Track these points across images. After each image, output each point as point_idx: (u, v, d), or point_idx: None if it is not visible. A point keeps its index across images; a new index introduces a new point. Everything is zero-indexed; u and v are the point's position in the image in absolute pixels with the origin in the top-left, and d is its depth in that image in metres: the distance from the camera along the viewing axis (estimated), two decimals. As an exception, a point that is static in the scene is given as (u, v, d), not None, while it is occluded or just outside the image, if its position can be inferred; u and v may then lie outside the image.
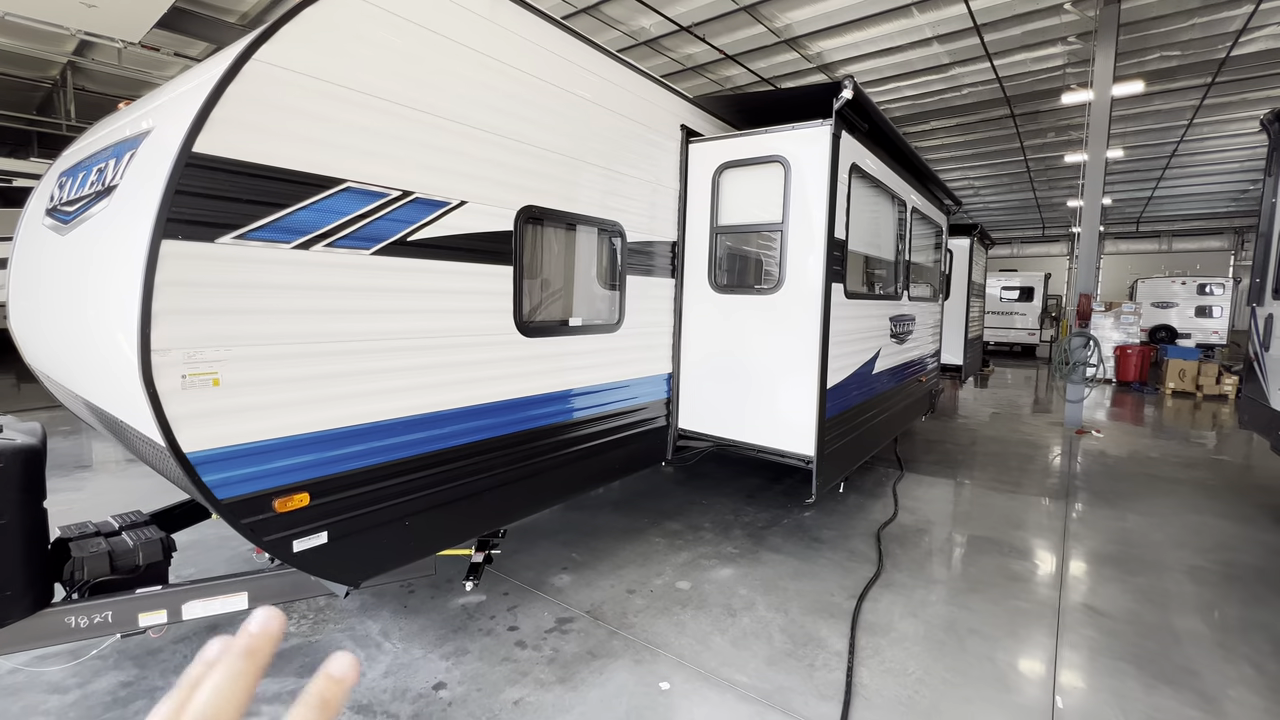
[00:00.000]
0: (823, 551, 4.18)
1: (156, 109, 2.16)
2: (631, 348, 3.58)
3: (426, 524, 2.50)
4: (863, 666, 2.88)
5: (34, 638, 2.27)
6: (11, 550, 2.15)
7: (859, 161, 3.77)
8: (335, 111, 2.04)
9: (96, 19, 7.54)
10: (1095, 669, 2.90)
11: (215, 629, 3.04)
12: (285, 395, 1.97)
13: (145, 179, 1.83)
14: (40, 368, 3.13)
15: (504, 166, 2.67)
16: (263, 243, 1.88)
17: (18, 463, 2.16)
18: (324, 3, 1.97)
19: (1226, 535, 4.70)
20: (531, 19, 2.77)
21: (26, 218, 3.19)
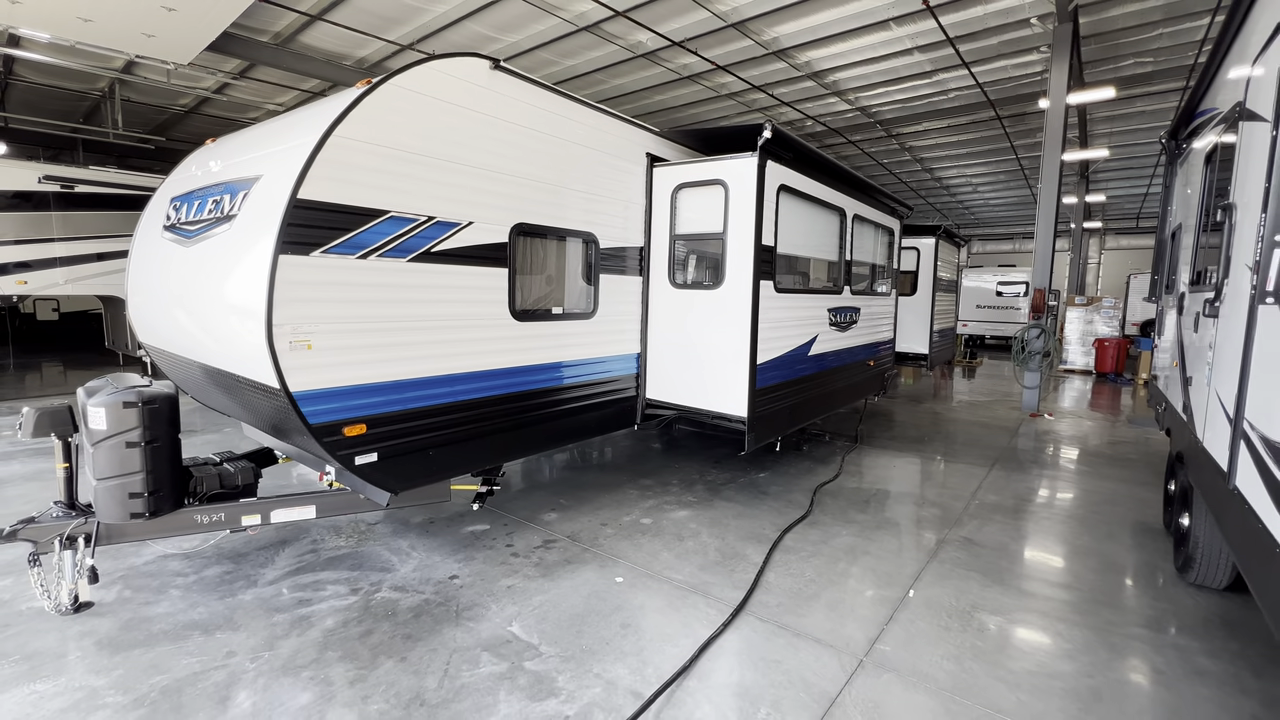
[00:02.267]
0: (766, 501, 5.10)
1: (265, 158, 3.11)
2: (604, 331, 4.51)
3: (443, 454, 3.47)
4: (771, 571, 3.80)
5: (176, 527, 3.27)
6: (164, 462, 3.14)
7: (787, 182, 4.66)
8: (382, 164, 2.99)
9: (154, 46, 8.56)
10: (950, 576, 3.80)
11: (285, 542, 4.04)
12: (352, 357, 2.93)
13: (265, 213, 2.78)
14: (156, 343, 4.13)
15: (501, 195, 3.61)
16: (337, 255, 2.84)
17: (167, 404, 3.16)
18: (375, 94, 2.91)
19: (1115, 493, 5.54)
20: (522, 84, 3.69)
21: (142, 231, 4.19)
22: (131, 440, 3.03)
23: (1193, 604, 3.49)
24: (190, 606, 3.22)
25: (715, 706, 2.54)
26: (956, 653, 2.97)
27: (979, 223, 30.99)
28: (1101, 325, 15.37)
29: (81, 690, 2.55)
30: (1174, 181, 5.69)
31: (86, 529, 3.05)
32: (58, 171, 10.33)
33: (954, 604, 3.44)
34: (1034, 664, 2.89)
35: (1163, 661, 2.94)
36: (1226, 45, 3.62)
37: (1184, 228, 4.64)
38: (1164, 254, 5.83)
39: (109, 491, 3.05)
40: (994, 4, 9.22)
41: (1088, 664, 2.91)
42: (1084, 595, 3.60)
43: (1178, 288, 4.63)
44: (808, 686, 2.68)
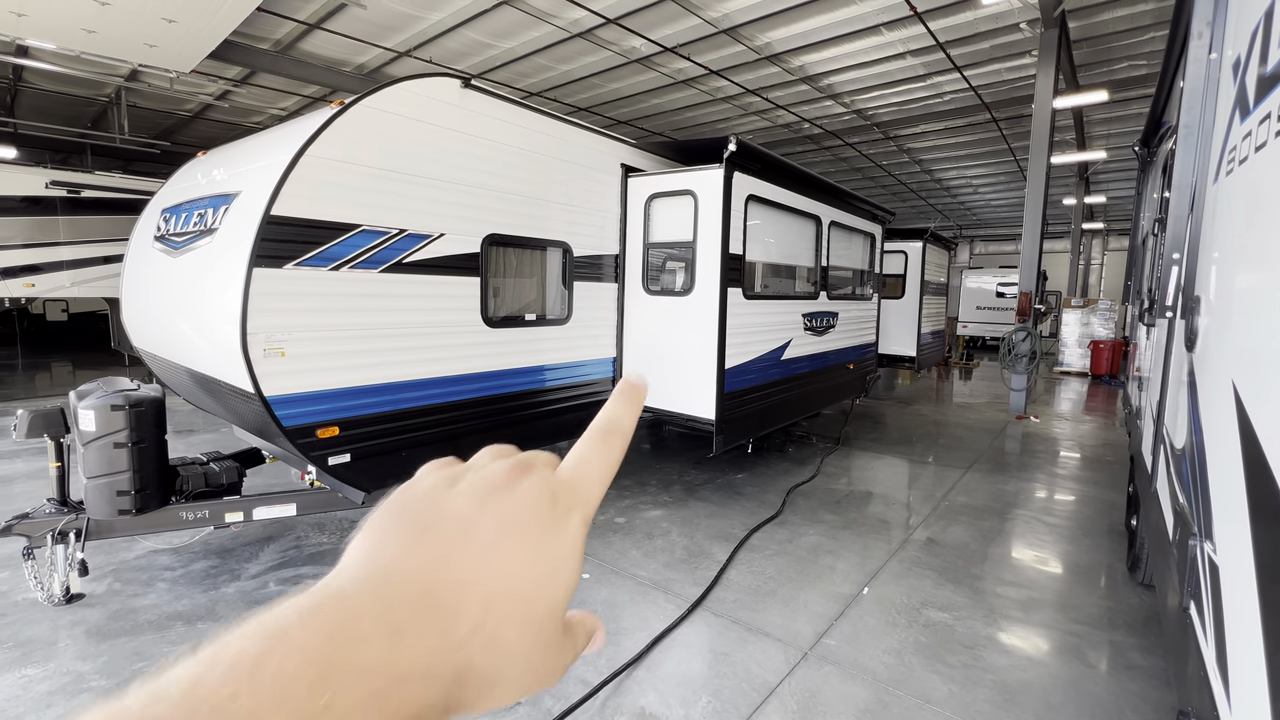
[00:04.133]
0: (740, 501, 5.24)
1: (243, 175, 3.29)
2: (580, 337, 4.67)
3: (416, 455, 3.62)
4: (733, 569, 3.95)
5: (162, 524, 3.45)
6: (150, 462, 3.33)
7: (756, 192, 4.80)
8: (353, 180, 3.16)
9: (156, 55, 8.79)
10: (906, 574, 3.93)
11: (270, 539, 4.22)
12: (325, 363, 3.10)
13: (241, 227, 2.96)
14: (147, 348, 4.33)
15: (473, 207, 3.77)
16: (310, 267, 3.01)
17: (154, 407, 3.34)
18: (347, 114, 3.08)
19: (1086, 495, 5.64)
20: (493, 101, 3.86)
21: (136, 241, 4.38)
22: (119, 441, 3.21)
23: (1137, 602, 3.61)
24: (175, 599, 3.41)
25: (659, 695, 2.69)
26: (899, 647, 3.10)
27: (980, 223, 30.95)
28: (1098, 327, 15.38)
29: (69, 675, 2.73)
30: (1145, 189, 5.79)
31: (77, 524, 3.24)
32: (64, 176, 10.60)
33: (905, 601, 3.58)
34: (971, 658, 3.02)
35: (1096, 656, 3.07)
36: (1175, 61, 3.73)
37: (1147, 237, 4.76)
38: (1135, 260, 5.93)
39: (98, 489, 3.23)
40: (982, 10, 9.30)
41: (1023, 659, 3.04)
42: (1034, 594, 3.72)
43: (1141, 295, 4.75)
44: (750, 677, 2.82)
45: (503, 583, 0.28)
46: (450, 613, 0.26)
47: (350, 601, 0.25)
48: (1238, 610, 1.21)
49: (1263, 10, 1.44)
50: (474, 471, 0.32)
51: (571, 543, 0.31)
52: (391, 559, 0.27)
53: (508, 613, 0.27)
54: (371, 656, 0.23)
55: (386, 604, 0.25)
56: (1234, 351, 1.43)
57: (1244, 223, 1.47)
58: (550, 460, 0.34)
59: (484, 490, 0.30)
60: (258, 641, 0.22)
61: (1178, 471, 2.12)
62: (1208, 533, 1.48)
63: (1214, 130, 2.00)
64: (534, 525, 0.30)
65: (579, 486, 0.33)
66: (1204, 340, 1.80)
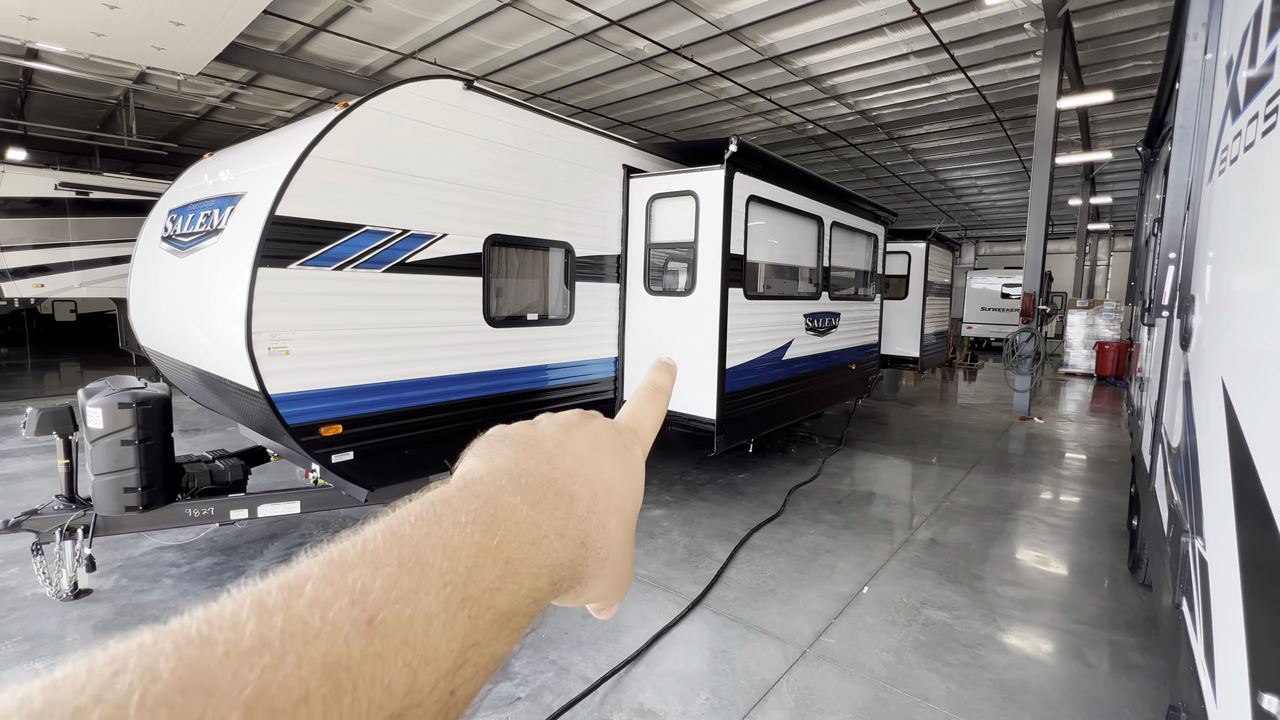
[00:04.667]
0: (741, 501, 5.25)
1: (249, 176, 3.33)
2: (581, 337, 4.70)
3: (419, 453, 3.67)
4: (733, 568, 3.97)
5: (168, 520, 3.49)
6: (157, 459, 3.37)
7: (757, 193, 4.82)
8: (357, 181, 3.19)
9: (164, 58, 8.88)
10: (906, 574, 3.94)
11: (275, 536, 4.26)
12: (328, 362, 3.14)
13: (246, 228, 3.00)
14: (154, 347, 4.38)
15: (475, 208, 3.81)
16: (314, 267, 3.04)
17: (160, 405, 3.39)
18: (350, 116, 3.12)
19: (1089, 496, 5.63)
20: (496, 103, 3.89)
21: (143, 241, 4.43)
22: (126, 439, 3.26)
23: (1138, 602, 3.60)
24: (181, 595, 3.45)
25: (658, 691, 2.71)
26: (898, 646, 3.11)
27: (985, 224, 30.85)
28: (1104, 328, 15.31)
29: (76, 668, 2.77)
30: (1148, 190, 5.78)
31: (85, 521, 3.28)
32: (73, 178, 10.71)
33: (905, 601, 3.58)
34: (970, 657, 3.03)
35: (1095, 656, 3.07)
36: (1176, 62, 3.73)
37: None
38: (1138, 261, 5.92)
39: (105, 486, 3.28)
40: (986, 10, 9.29)
41: (1022, 658, 3.04)
42: (1034, 593, 3.72)
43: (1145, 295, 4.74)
44: (749, 675, 2.84)
45: (600, 481, 0.33)
46: (568, 496, 0.31)
47: (493, 482, 0.29)
48: (1223, 605, 1.23)
49: (1252, 11, 1.46)
50: (547, 416, 0.38)
51: (638, 466, 0.37)
52: (510, 461, 0.32)
53: (609, 505, 0.33)
54: (520, 516, 0.28)
55: (521, 485, 0.30)
56: (1224, 350, 1.44)
57: (1234, 222, 1.48)
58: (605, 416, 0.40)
59: (565, 424, 0.37)
60: (429, 507, 0.26)
61: (1174, 470, 2.13)
62: (1198, 529, 1.50)
63: (1209, 131, 2.01)
64: (611, 448, 0.36)
65: (636, 429, 0.40)
66: (1198, 339, 1.81)
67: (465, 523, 0.26)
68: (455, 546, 0.25)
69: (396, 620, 0.21)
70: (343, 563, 0.22)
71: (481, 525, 0.26)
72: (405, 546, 0.24)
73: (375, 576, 0.22)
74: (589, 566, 0.31)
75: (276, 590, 0.21)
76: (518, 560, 0.26)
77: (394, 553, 0.23)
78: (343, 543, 0.24)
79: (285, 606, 0.20)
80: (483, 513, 0.27)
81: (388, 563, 0.23)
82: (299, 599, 0.21)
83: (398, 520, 0.25)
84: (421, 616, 0.22)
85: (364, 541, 0.24)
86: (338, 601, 0.21)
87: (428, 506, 0.26)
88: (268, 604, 0.20)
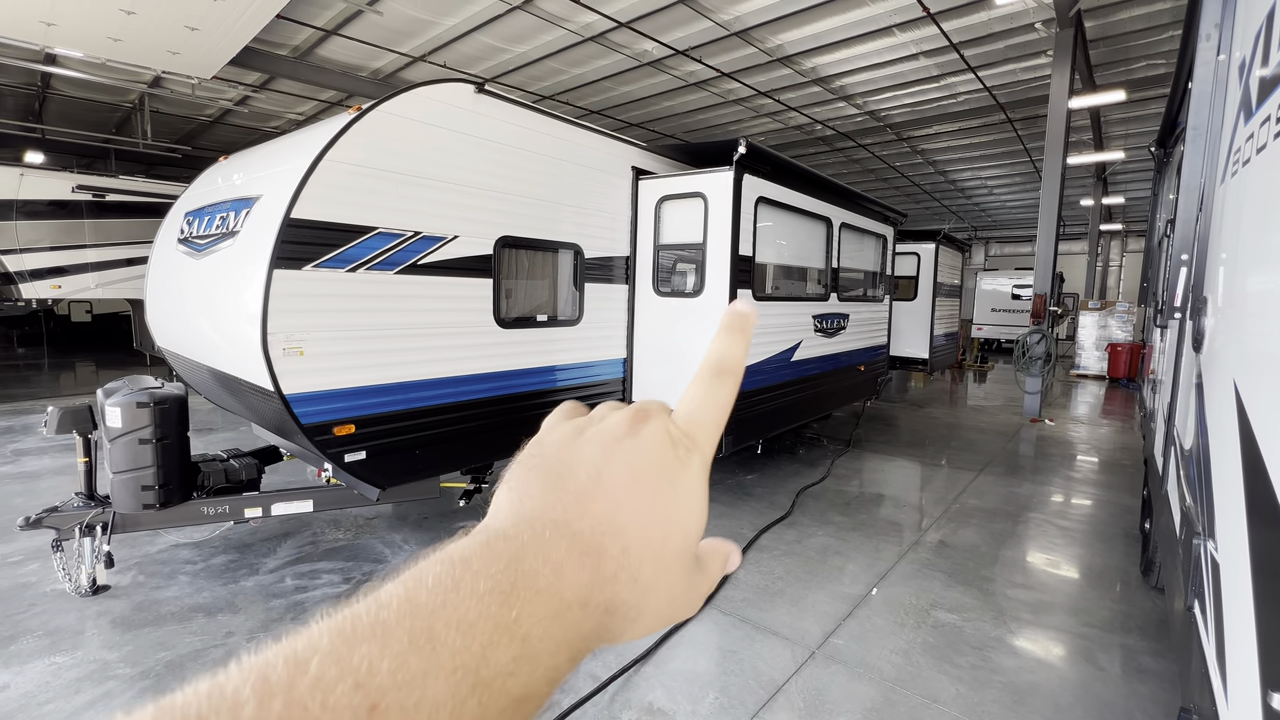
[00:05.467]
0: (749, 502, 5.26)
1: (264, 179, 3.38)
2: (590, 338, 4.72)
3: (430, 453, 3.71)
4: (741, 569, 3.97)
5: (184, 518, 3.55)
6: (173, 458, 3.42)
7: (766, 194, 4.83)
8: (370, 184, 3.23)
9: (179, 62, 9.00)
10: (915, 576, 3.93)
11: (288, 534, 4.31)
12: (342, 362, 3.18)
13: (262, 230, 3.04)
14: (170, 347, 4.44)
15: (486, 210, 3.84)
16: (328, 269, 3.09)
17: (177, 404, 3.44)
18: (364, 120, 3.16)
19: (1101, 499, 5.59)
20: (506, 106, 3.92)
21: (160, 243, 4.50)
22: (144, 437, 3.31)
23: (1150, 606, 3.58)
24: (196, 591, 3.50)
25: (667, 690, 2.72)
26: (907, 647, 3.11)
27: (996, 225, 30.64)
28: (1116, 330, 15.16)
29: (95, 663, 2.82)
30: (1161, 190, 5.73)
31: (104, 518, 3.34)
32: (90, 181, 10.87)
33: (914, 602, 3.58)
34: (979, 659, 3.02)
35: (1107, 660, 3.05)
36: (1189, 62, 3.71)
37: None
38: (1151, 262, 5.87)
39: (124, 484, 3.33)
40: (996, 10, 9.24)
41: (1032, 661, 3.03)
42: (1045, 596, 3.70)
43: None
44: (757, 675, 2.85)
45: (636, 526, 0.30)
46: (596, 552, 0.28)
47: (515, 540, 0.27)
48: (1235, 607, 1.23)
49: (1265, 12, 1.46)
50: (596, 423, 0.34)
51: (695, 484, 0.33)
52: (537, 508, 0.29)
53: (643, 553, 0.30)
54: (542, 584, 0.26)
55: (544, 543, 0.28)
56: (1236, 352, 1.44)
57: (1247, 224, 1.48)
58: (664, 407, 0.36)
59: (608, 440, 0.32)
60: (448, 567, 0.25)
61: (1185, 472, 2.12)
62: (1210, 531, 1.49)
63: (1222, 132, 2.00)
64: (657, 470, 0.32)
65: (694, 431, 0.34)
66: (1210, 341, 1.81)
67: (484, 592, 0.24)
68: (470, 622, 0.23)
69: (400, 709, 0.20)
70: (353, 634, 0.22)
71: (500, 595, 0.24)
72: (419, 617, 0.23)
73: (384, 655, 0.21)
74: (613, 631, 0.29)
75: (282, 665, 0.20)
76: (536, 637, 0.25)
77: (406, 624, 0.22)
78: (357, 605, 0.23)
79: (288, 687, 0.19)
80: (503, 579, 0.25)
81: (398, 638, 0.22)
82: (303, 678, 0.20)
83: (415, 583, 0.24)
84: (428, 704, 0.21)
85: (379, 608, 0.23)
86: (341, 684, 0.20)
87: (447, 568, 0.25)
88: (270, 682, 0.20)
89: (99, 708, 2.54)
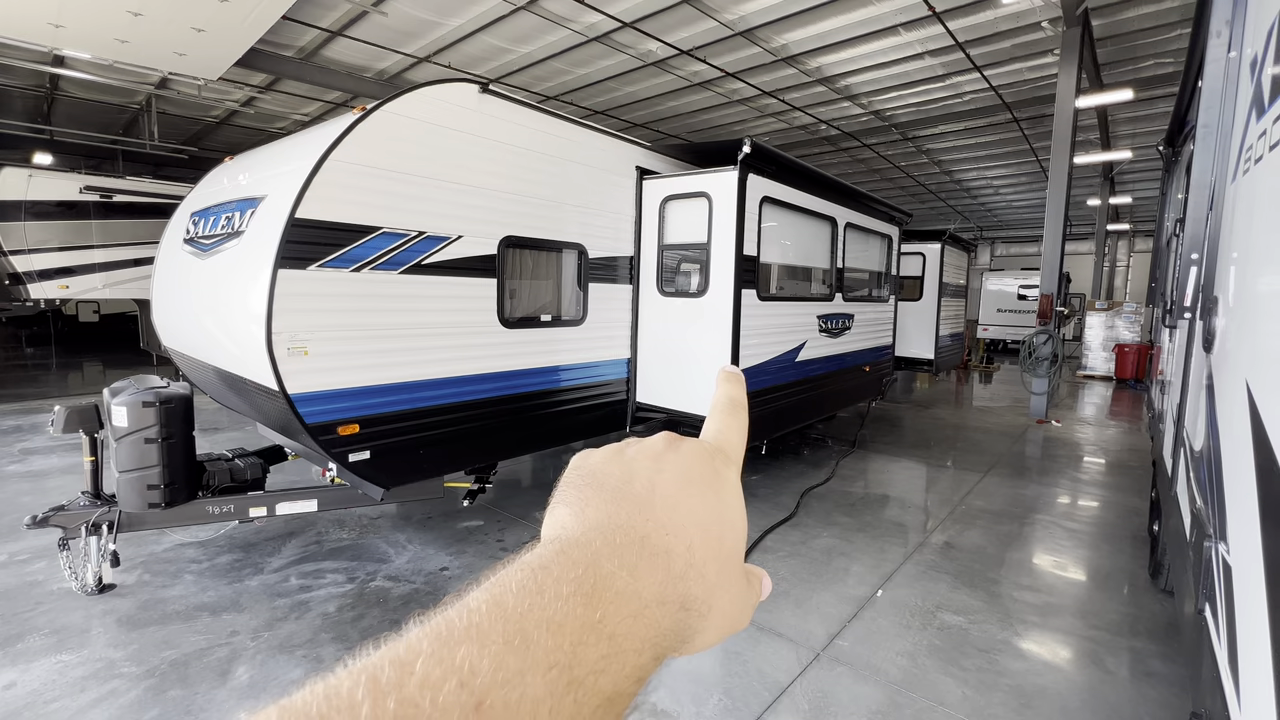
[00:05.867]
0: (754, 503, 5.24)
1: (269, 179, 3.39)
2: (594, 338, 4.71)
3: (433, 453, 3.71)
4: (746, 569, 3.95)
5: (189, 517, 3.56)
6: (179, 457, 3.43)
7: (771, 194, 4.82)
8: (374, 184, 3.23)
9: (186, 63, 9.05)
10: (921, 578, 3.90)
11: (292, 534, 4.32)
12: (346, 362, 3.18)
13: (267, 230, 3.05)
14: (176, 347, 4.46)
15: (490, 210, 3.84)
16: (333, 269, 3.09)
17: (182, 404, 3.45)
18: (368, 120, 3.16)
19: (1108, 500, 5.54)
20: (511, 106, 3.92)
21: (166, 243, 4.52)
22: (150, 437, 3.32)
23: (1159, 609, 3.54)
24: (201, 590, 3.51)
25: (671, 691, 2.71)
26: (912, 650, 3.09)
27: (1002, 225, 30.49)
28: (1124, 330, 15.07)
29: (101, 661, 2.83)
30: (1169, 190, 5.69)
31: (109, 517, 3.36)
32: (97, 182, 10.94)
33: (919, 604, 3.56)
34: (986, 662, 2.99)
35: (1115, 663, 3.02)
36: (1199, 60, 3.67)
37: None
38: (1159, 262, 5.83)
39: (129, 483, 3.34)
40: (1002, 9, 9.19)
41: (1039, 664, 3.01)
42: (1052, 599, 3.67)
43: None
44: (762, 676, 2.83)
45: (695, 527, 0.32)
46: (665, 553, 0.30)
47: (589, 545, 0.28)
48: (1248, 610, 1.21)
49: (1277, 8, 1.44)
50: (634, 445, 0.36)
51: (734, 493, 0.36)
52: (601, 516, 0.30)
53: (705, 551, 0.31)
54: (620, 585, 0.27)
55: (616, 547, 0.28)
56: (1248, 352, 1.42)
57: (1259, 222, 1.46)
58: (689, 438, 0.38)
59: (653, 454, 0.35)
60: (530, 573, 0.26)
61: (1196, 474, 2.10)
62: (1222, 534, 1.47)
63: (1233, 129, 1.98)
64: (703, 478, 0.34)
65: (726, 449, 0.38)
66: (1221, 341, 1.78)
67: (567, 595, 0.25)
68: (559, 622, 0.24)
69: (504, 705, 0.21)
70: (450, 637, 0.22)
71: (583, 597, 0.25)
72: (510, 620, 0.23)
73: (482, 655, 0.22)
74: (691, 628, 0.30)
75: (389, 667, 0.21)
76: (621, 635, 0.25)
77: (499, 627, 0.23)
78: (448, 612, 0.24)
79: (398, 687, 0.20)
80: (583, 582, 0.26)
81: (494, 639, 0.22)
82: (410, 678, 0.20)
83: (500, 589, 0.25)
84: (529, 701, 0.21)
85: (470, 613, 0.23)
86: (447, 683, 0.21)
87: (529, 574, 0.25)
88: (381, 683, 0.20)
89: (104, 706, 2.55)
